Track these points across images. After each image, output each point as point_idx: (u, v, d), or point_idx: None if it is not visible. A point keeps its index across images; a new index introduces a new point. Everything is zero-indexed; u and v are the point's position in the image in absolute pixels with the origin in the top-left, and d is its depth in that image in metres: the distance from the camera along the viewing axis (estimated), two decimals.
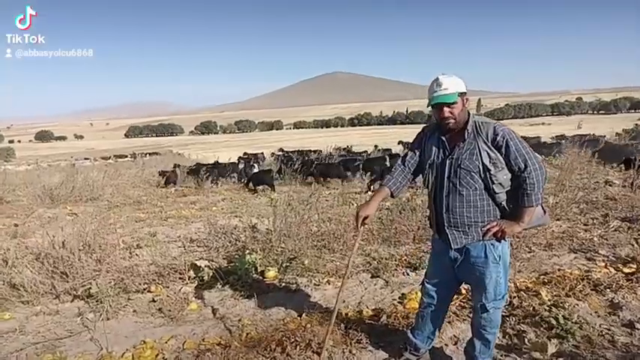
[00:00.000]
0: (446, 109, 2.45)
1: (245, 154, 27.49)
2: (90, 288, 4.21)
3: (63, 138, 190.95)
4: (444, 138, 2.56)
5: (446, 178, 2.52)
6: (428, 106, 2.52)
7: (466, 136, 2.46)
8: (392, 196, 2.75)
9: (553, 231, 5.66)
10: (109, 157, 46.01)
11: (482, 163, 2.40)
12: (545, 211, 2.56)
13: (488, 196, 2.45)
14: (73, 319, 3.94)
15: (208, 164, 19.49)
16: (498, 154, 2.39)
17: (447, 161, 2.52)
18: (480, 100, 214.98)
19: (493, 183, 2.41)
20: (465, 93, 2.49)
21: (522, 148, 2.37)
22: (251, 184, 13.22)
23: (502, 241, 2.50)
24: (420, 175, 2.77)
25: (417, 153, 2.74)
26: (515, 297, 3.65)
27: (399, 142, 29.31)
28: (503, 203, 2.46)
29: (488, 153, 2.40)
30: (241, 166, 17.88)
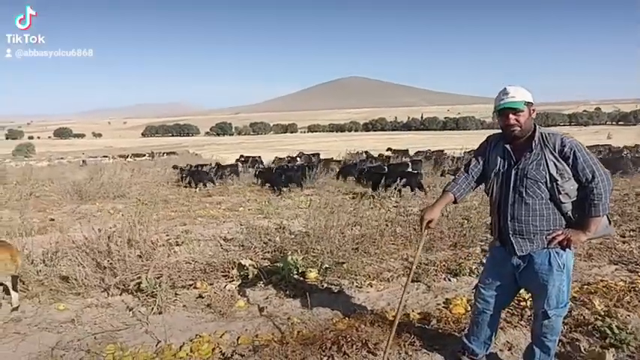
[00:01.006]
0: (512, 115, 2.50)
1: (241, 156, 27.57)
2: (140, 282, 4.33)
3: (81, 135, 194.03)
4: (509, 148, 2.61)
5: (512, 187, 2.57)
6: (493, 113, 2.58)
7: (533, 147, 2.50)
8: (455, 202, 2.82)
9: (590, 241, 5.64)
10: (128, 156, 46.58)
11: (550, 174, 2.44)
12: (610, 222, 2.60)
13: (554, 205, 2.49)
14: (125, 312, 4.06)
15: (210, 165, 19.94)
16: (565, 165, 2.43)
17: (513, 171, 2.56)
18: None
19: (560, 193, 2.45)
20: (532, 104, 2.54)
21: (590, 159, 2.42)
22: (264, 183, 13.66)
23: (567, 249, 2.54)
24: (483, 184, 2.82)
25: (481, 161, 2.79)
26: None
27: (388, 149, 29.44)
28: (569, 213, 2.50)
29: (555, 163, 2.44)
30: (240, 168, 18.10)
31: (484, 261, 5.06)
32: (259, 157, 27.61)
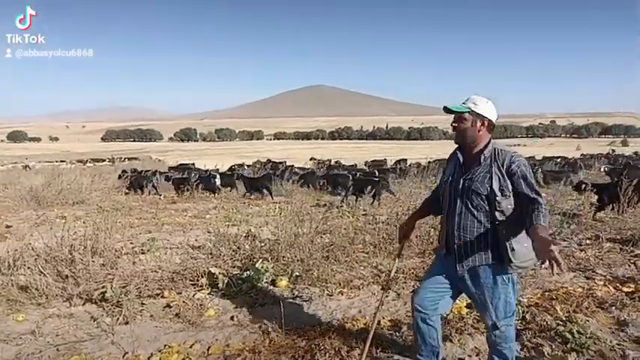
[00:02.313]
0: (455, 119, 2.60)
1: (181, 164, 27.09)
2: (104, 292, 4.19)
3: (37, 139, 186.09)
4: (461, 158, 2.64)
5: (459, 198, 2.58)
6: (445, 111, 2.65)
7: (482, 160, 2.54)
8: (430, 213, 2.93)
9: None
10: (87, 161, 45.06)
11: (492, 188, 2.46)
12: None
13: (492, 220, 2.51)
14: (89, 322, 3.92)
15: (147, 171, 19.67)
16: (509, 182, 2.46)
17: (461, 181, 2.58)
18: None
19: (496, 209, 2.47)
20: (484, 117, 2.55)
21: (533, 181, 2.46)
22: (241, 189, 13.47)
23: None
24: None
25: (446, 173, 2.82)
26: (527, 312, 3.80)
27: (311, 159, 29.97)
28: (501, 230, 2.49)
29: (499, 179, 2.46)
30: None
31: None
32: (193, 163, 27.46)
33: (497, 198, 2.46)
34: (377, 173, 15.77)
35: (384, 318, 3.89)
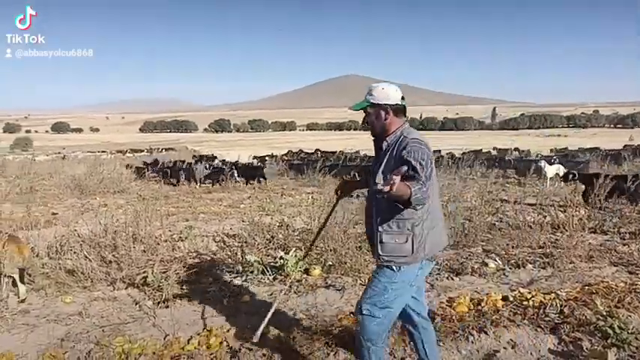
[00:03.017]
0: (365, 113, 2.53)
1: (202, 156, 29.52)
2: (146, 276, 4.37)
3: (79, 130, 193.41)
4: (378, 143, 2.56)
5: (373, 185, 2.44)
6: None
7: (384, 147, 2.47)
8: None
9: (591, 243, 5.71)
10: (126, 151, 46.60)
11: (389, 173, 2.30)
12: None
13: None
14: (131, 305, 4.11)
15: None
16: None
17: (375, 168, 2.51)
18: (494, 108, 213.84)
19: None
20: (385, 105, 2.45)
21: (424, 170, 2.22)
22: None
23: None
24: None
25: None
26: (565, 306, 3.72)
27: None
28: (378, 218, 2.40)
29: (395, 164, 2.32)
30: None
31: (486, 261, 5.13)
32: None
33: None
34: None
35: None
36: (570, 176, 10.49)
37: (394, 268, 2.38)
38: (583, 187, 8.71)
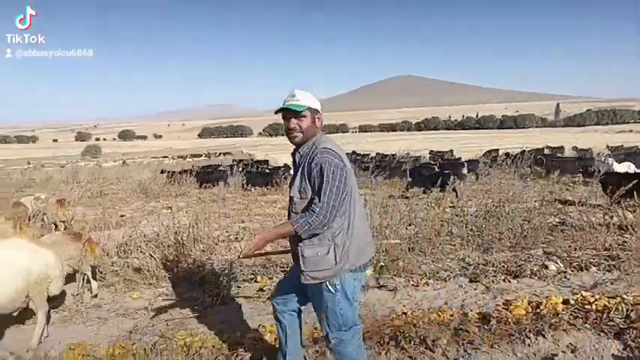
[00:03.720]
0: (293, 119, 2.37)
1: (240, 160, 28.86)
2: (205, 275, 4.60)
3: (144, 137, 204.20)
4: (295, 156, 2.47)
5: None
6: (276, 113, 2.40)
7: (297, 159, 2.41)
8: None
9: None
10: (186, 157, 48.68)
11: (298, 188, 2.33)
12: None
13: None
14: (192, 301, 4.33)
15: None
16: (308, 183, 2.27)
17: (293, 178, 2.45)
18: (558, 104, 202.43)
19: (293, 211, 2.37)
20: (318, 111, 2.40)
21: (329, 182, 2.18)
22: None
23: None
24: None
25: None
26: (631, 311, 3.52)
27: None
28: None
29: (302, 180, 2.31)
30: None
31: (546, 263, 4.94)
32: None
33: (294, 198, 2.34)
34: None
35: (472, 311, 3.83)
36: (591, 170, 10.67)
37: (331, 289, 2.31)
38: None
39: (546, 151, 24.50)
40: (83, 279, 4.65)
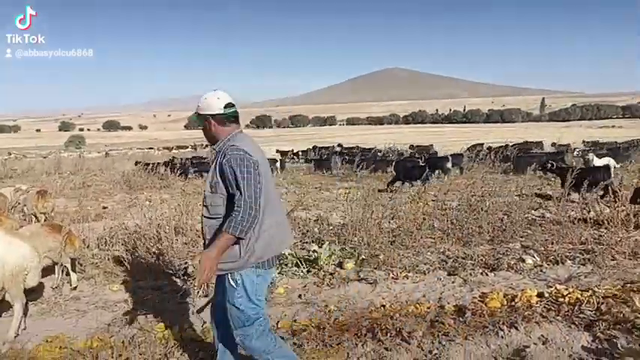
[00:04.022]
0: (204, 122, 2.50)
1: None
2: (187, 267, 4.61)
3: (129, 128, 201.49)
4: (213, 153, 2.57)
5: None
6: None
7: (214, 155, 2.54)
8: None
9: (637, 240, 5.48)
10: (172, 148, 48.25)
11: (210, 180, 2.41)
12: (241, 255, 2.31)
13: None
14: (173, 294, 4.34)
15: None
16: (220, 180, 2.34)
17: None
18: (543, 99, 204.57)
19: (204, 204, 2.44)
20: (208, 115, 2.46)
21: (244, 177, 2.24)
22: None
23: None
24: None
25: None
26: (602, 303, 3.62)
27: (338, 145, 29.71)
28: (205, 226, 2.44)
29: (214, 175, 2.38)
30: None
31: (523, 257, 5.04)
32: None
33: (205, 192, 2.42)
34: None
35: (448, 303, 3.91)
36: (549, 166, 10.89)
37: (232, 284, 2.36)
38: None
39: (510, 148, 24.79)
40: (62, 271, 4.62)
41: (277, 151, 27.48)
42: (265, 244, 2.37)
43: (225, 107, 2.46)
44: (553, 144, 27.17)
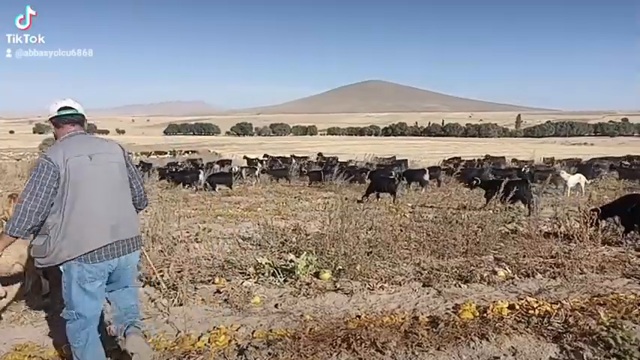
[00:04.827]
0: None
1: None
2: (162, 275, 4.55)
3: (105, 132, 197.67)
4: None
5: None
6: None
7: None
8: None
9: (604, 255, 5.67)
10: (150, 153, 47.59)
11: None
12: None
13: None
14: (147, 302, 4.28)
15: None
16: None
17: None
18: (519, 115, 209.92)
19: None
20: (50, 119, 2.79)
21: (30, 180, 2.58)
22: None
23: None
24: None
25: None
26: (570, 316, 3.73)
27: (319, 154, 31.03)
28: None
29: None
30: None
31: (496, 269, 5.16)
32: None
33: None
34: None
35: (422, 314, 3.96)
36: (474, 182, 11.38)
37: (61, 269, 2.65)
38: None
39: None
40: (32, 278, 4.51)
41: (244, 157, 28.11)
42: (76, 242, 2.58)
43: (59, 110, 2.75)
44: (514, 160, 28.17)
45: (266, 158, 28.92)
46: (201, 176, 15.26)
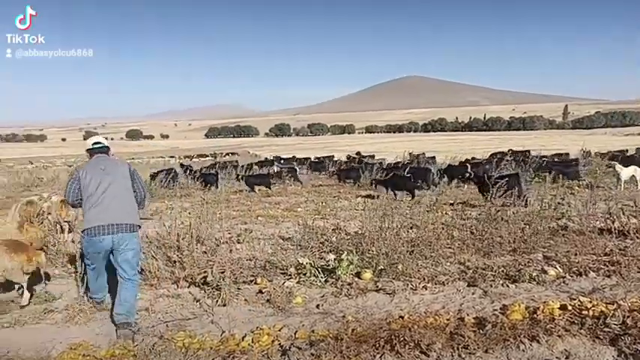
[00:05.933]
0: None
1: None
2: (206, 276, 4.65)
3: (150, 137, 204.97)
4: None
5: None
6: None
7: None
8: None
9: None
10: (193, 156, 48.85)
11: None
12: None
13: None
14: (192, 303, 4.39)
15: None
16: None
17: None
18: (566, 106, 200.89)
19: None
20: (87, 150, 4.28)
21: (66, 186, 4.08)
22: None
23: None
24: None
25: None
26: (628, 317, 3.52)
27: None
28: None
29: None
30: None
31: (545, 268, 4.94)
32: None
33: None
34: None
35: (468, 315, 3.85)
36: (467, 175, 11.10)
37: (83, 237, 3.92)
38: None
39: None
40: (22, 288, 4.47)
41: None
42: (90, 220, 3.82)
43: (92, 144, 4.18)
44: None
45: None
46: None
